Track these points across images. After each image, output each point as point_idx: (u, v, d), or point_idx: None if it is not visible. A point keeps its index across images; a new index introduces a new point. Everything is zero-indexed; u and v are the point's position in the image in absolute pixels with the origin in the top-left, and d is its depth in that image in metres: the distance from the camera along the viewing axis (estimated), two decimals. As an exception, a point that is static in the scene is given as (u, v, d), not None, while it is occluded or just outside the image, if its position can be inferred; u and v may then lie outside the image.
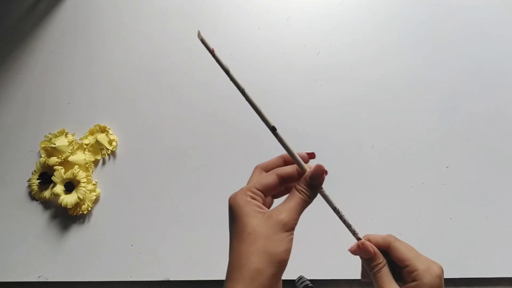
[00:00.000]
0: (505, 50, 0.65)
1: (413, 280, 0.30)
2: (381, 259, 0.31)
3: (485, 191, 0.59)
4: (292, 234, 0.28)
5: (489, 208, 0.58)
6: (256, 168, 0.32)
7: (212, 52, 0.27)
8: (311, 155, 0.31)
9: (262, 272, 0.25)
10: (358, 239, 0.31)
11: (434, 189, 0.59)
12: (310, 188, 0.29)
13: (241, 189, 0.29)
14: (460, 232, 0.57)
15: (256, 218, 0.27)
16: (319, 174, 0.29)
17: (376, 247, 0.31)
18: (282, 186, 0.31)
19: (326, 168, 0.30)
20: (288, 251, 0.27)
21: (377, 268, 0.30)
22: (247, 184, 0.31)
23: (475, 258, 0.56)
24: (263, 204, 0.29)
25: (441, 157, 0.60)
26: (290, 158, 0.31)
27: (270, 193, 0.30)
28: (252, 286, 0.25)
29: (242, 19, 0.68)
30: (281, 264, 0.26)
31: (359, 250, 0.31)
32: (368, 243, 0.31)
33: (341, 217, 0.31)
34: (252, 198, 0.29)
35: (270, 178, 0.30)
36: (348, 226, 0.31)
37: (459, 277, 0.55)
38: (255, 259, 0.26)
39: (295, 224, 0.28)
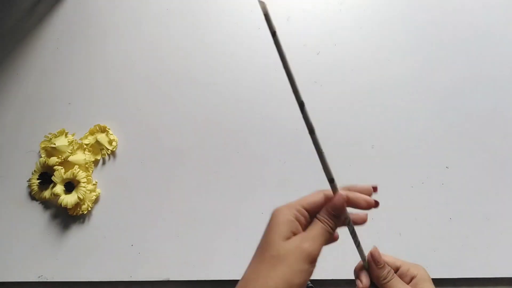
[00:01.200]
0: (505, 50, 0.65)
1: (411, 278, 0.31)
2: (389, 266, 0.31)
3: (485, 191, 0.59)
4: (315, 266, 0.27)
5: (489, 208, 0.58)
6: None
7: (266, 14, 0.25)
8: (374, 189, 0.31)
9: None
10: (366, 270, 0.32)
11: (434, 189, 0.59)
12: (331, 219, 0.28)
13: (289, 205, 0.28)
14: (460, 232, 0.57)
15: (285, 242, 0.26)
16: (339, 205, 0.28)
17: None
18: None
19: (374, 185, 0.30)
20: (305, 283, 0.26)
21: (392, 273, 0.31)
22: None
23: (475, 258, 0.56)
24: (305, 225, 0.28)
25: (441, 157, 0.60)
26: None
27: (316, 211, 0.29)
28: None
29: (242, 19, 0.68)
30: None
31: (374, 259, 0.31)
32: (377, 252, 0.31)
33: (360, 251, 0.31)
34: (297, 218, 0.28)
35: (316, 196, 0.29)
36: (363, 259, 0.32)
37: (459, 277, 0.55)
38: (272, 285, 0.25)
39: (318, 255, 0.27)
